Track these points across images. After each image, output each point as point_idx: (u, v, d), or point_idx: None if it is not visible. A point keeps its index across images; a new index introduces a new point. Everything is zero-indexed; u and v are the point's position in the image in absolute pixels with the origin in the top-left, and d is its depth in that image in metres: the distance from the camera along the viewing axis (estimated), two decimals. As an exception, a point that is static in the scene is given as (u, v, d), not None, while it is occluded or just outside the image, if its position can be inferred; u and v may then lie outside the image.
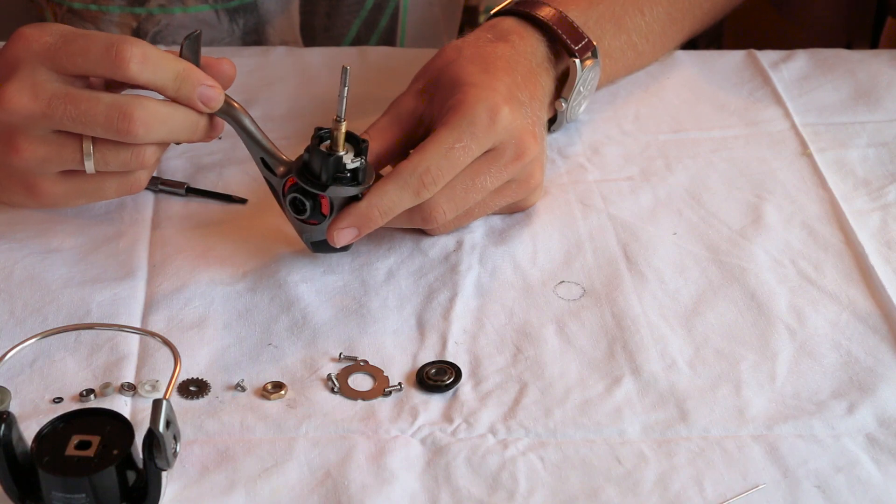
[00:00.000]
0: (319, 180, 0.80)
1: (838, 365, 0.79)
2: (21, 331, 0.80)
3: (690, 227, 0.90)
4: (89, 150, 0.79)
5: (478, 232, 0.89)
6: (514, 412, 0.75)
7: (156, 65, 0.78)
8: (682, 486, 0.71)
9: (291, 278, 0.85)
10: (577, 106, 0.97)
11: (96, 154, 0.80)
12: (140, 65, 0.77)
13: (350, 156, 0.80)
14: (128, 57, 0.77)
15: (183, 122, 0.80)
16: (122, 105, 0.77)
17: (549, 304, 0.84)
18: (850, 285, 0.85)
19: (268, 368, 0.78)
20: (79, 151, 0.79)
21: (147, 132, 0.78)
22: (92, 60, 0.78)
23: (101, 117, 0.77)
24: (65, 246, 0.87)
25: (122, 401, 0.75)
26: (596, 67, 0.95)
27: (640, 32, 1.02)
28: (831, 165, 0.97)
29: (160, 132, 0.79)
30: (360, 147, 0.80)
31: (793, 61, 1.09)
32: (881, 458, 0.73)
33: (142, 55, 0.77)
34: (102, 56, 0.77)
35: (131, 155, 0.80)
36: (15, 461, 0.67)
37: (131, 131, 0.78)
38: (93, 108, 0.77)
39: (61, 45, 0.78)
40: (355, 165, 0.80)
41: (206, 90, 0.80)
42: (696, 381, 0.78)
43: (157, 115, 0.78)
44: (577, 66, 0.93)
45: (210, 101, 0.80)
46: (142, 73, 0.78)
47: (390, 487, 0.70)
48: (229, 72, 0.83)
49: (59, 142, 0.79)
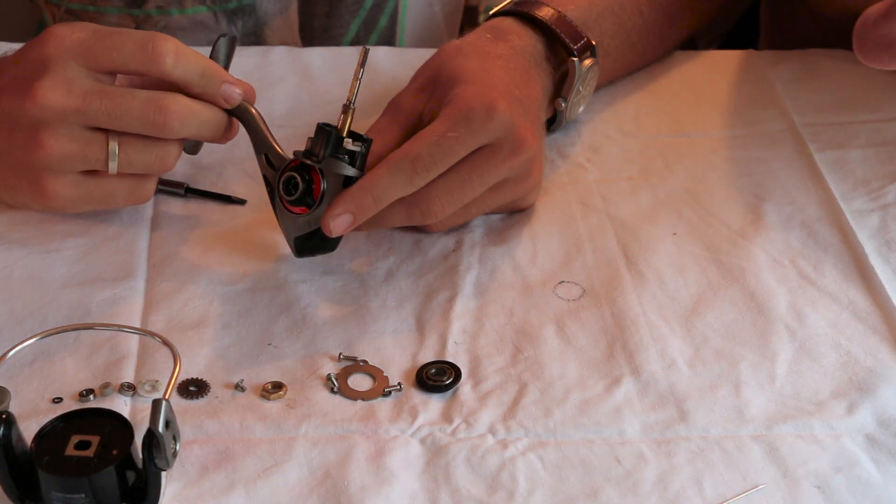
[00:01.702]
0: (318, 157, 0.80)
1: (838, 365, 0.79)
2: (21, 331, 0.80)
3: (690, 227, 0.90)
4: (115, 149, 0.81)
5: (477, 232, 0.89)
6: (514, 412, 0.75)
7: (186, 61, 0.80)
8: (681, 486, 0.71)
9: (291, 278, 0.85)
10: (577, 105, 0.97)
11: (121, 154, 0.81)
12: (174, 60, 0.80)
13: (351, 140, 0.81)
14: (163, 52, 0.79)
15: (211, 117, 0.83)
16: (157, 99, 0.80)
17: (548, 304, 0.84)
18: (850, 285, 0.85)
19: (267, 368, 0.78)
20: (104, 150, 0.81)
21: (182, 126, 0.80)
22: (127, 55, 0.80)
23: (137, 111, 0.79)
24: (65, 246, 0.87)
25: (122, 401, 0.75)
26: (595, 67, 0.95)
27: (640, 32, 1.02)
28: (831, 165, 0.97)
29: (192, 126, 0.81)
30: (362, 138, 0.81)
31: (792, 61, 1.09)
32: (881, 459, 0.73)
33: (175, 51, 0.80)
34: (137, 51, 0.79)
35: (155, 156, 0.82)
36: (15, 461, 0.67)
37: (167, 124, 0.80)
38: (128, 102, 0.79)
39: (95, 41, 0.80)
40: (355, 149, 0.80)
41: (228, 87, 0.82)
42: (695, 381, 0.78)
43: (190, 110, 0.81)
44: (577, 66, 0.93)
45: (232, 98, 0.83)
46: (175, 69, 0.80)
47: (390, 487, 0.70)
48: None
49: (87, 139, 0.81)
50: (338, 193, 0.80)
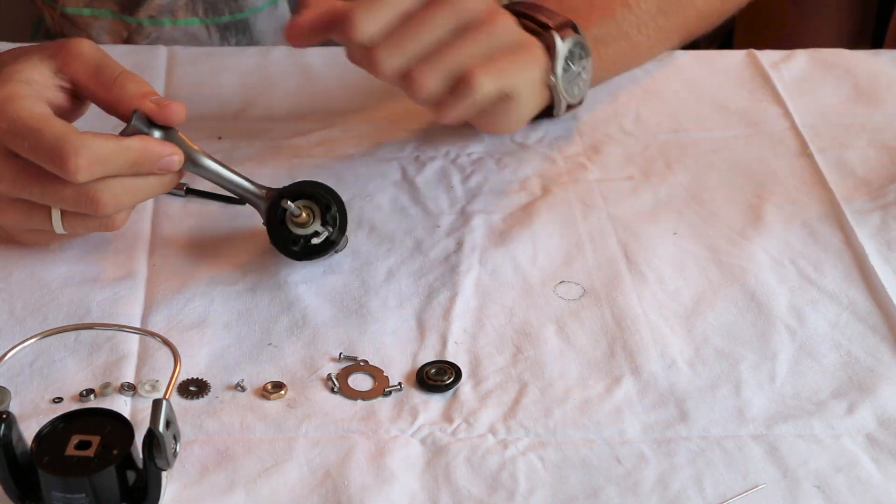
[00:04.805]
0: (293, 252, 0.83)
1: (838, 365, 0.79)
2: (21, 331, 0.80)
3: (690, 227, 0.90)
4: (57, 216, 0.80)
5: (478, 232, 0.89)
6: (514, 412, 0.75)
7: (104, 163, 0.77)
8: (682, 486, 0.71)
9: (291, 278, 0.85)
10: (573, 85, 0.96)
11: (65, 222, 0.80)
12: (87, 171, 0.76)
13: (316, 224, 0.82)
14: (73, 169, 0.75)
15: (151, 187, 0.80)
16: (88, 191, 0.77)
17: (549, 304, 0.84)
18: (850, 285, 0.85)
19: (268, 368, 0.78)
20: (47, 218, 0.80)
21: (116, 207, 0.79)
22: (41, 161, 0.76)
23: (70, 200, 0.78)
24: (65, 246, 0.87)
25: (122, 401, 0.75)
26: (582, 42, 0.95)
27: (631, 23, 1.02)
28: (831, 165, 0.97)
29: (130, 203, 0.80)
30: (325, 215, 0.82)
31: (793, 61, 1.09)
32: (881, 458, 0.73)
33: (87, 164, 0.75)
34: (50, 161, 0.76)
35: (100, 223, 0.81)
36: (15, 461, 0.67)
37: (99, 211, 0.78)
38: (60, 192, 0.77)
39: (11, 137, 0.77)
40: (323, 238, 0.82)
41: (164, 162, 0.79)
42: (696, 381, 0.78)
43: (124, 191, 0.78)
44: (556, 38, 0.93)
45: (171, 167, 0.80)
46: (92, 176, 0.76)
47: (390, 487, 0.70)
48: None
49: (27, 208, 0.80)
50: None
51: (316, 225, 0.82)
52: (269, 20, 1.13)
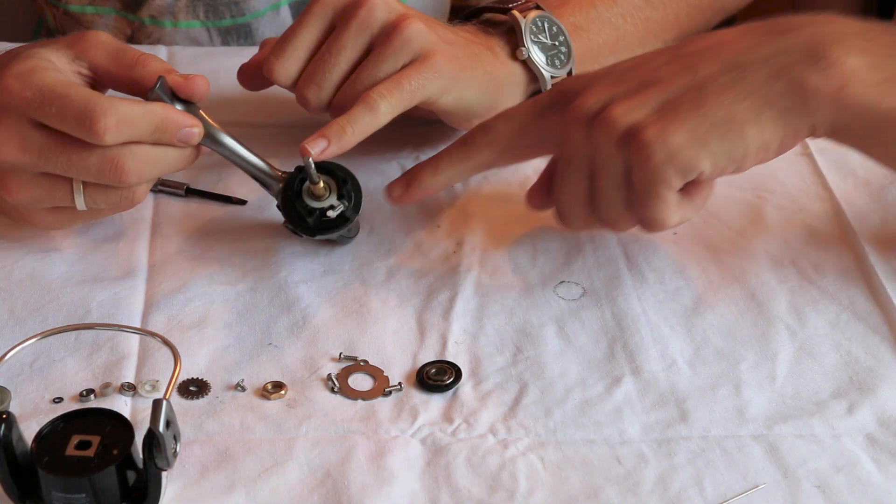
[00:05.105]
0: (307, 224, 0.82)
1: (838, 365, 0.79)
2: (21, 331, 0.80)
3: (690, 227, 0.90)
4: (79, 189, 0.80)
5: (478, 233, 0.89)
6: (514, 412, 0.75)
7: (131, 125, 0.77)
8: (682, 486, 0.71)
9: (291, 278, 0.85)
10: (553, 58, 0.95)
11: (87, 195, 0.80)
12: (115, 132, 0.76)
13: (332, 198, 0.82)
14: (101, 130, 0.76)
15: (171, 159, 0.80)
16: (112, 158, 0.77)
17: (549, 304, 0.84)
18: (850, 285, 0.85)
19: (268, 368, 0.78)
20: (69, 192, 0.80)
21: (139, 178, 0.79)
22: (68, 125, 0.77)
23: (94, 168, 0.78)
24: (65, 246, 0.87)
25: (122, 401, 0.75)
26: (548, 17, 0.95)
27: (614, 13, 1.01)
28: (831, 165, 0.97)
29: (152, 175, 0.80)
30: (341, 190, 0.82)
31: (793, 61, 1.09)
32: (881, 458, 0.73)
33: (115, 124, 0.76)
34: (77, 124, 0.76)
35: (121, 197, 0.81)
36: (15, 461, 0.67)
37: (123, 180, 0.78)
38: (85, 159, 0.77)
39: (40, 104, 0.77)
40: (338, 212, 0.82)
41: (184, 133, 0.80)
42: (696, 380, 0.78)
43: (147, 160, 0.79)
44: (517, 15, 0.93)
45: (190, 139, 0.80)
46: (119, 138, 0.77)
47: (390, 487, 0.70)
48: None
49: (50, 183, 0.80)
50: None
51: (332, 199, 0.82)
52: (271, 25, 1.13)
